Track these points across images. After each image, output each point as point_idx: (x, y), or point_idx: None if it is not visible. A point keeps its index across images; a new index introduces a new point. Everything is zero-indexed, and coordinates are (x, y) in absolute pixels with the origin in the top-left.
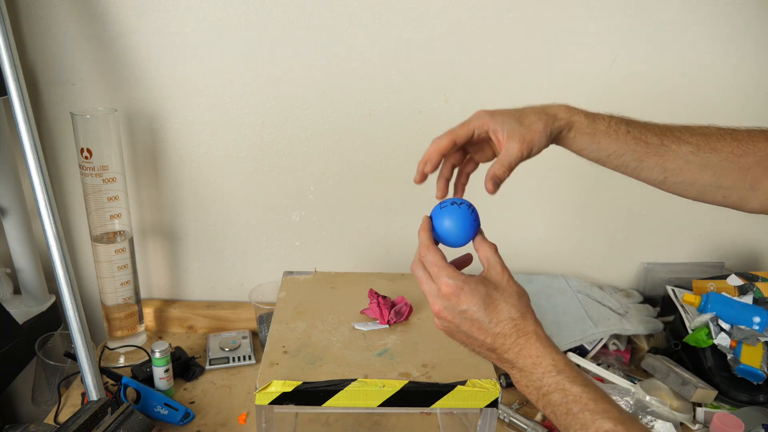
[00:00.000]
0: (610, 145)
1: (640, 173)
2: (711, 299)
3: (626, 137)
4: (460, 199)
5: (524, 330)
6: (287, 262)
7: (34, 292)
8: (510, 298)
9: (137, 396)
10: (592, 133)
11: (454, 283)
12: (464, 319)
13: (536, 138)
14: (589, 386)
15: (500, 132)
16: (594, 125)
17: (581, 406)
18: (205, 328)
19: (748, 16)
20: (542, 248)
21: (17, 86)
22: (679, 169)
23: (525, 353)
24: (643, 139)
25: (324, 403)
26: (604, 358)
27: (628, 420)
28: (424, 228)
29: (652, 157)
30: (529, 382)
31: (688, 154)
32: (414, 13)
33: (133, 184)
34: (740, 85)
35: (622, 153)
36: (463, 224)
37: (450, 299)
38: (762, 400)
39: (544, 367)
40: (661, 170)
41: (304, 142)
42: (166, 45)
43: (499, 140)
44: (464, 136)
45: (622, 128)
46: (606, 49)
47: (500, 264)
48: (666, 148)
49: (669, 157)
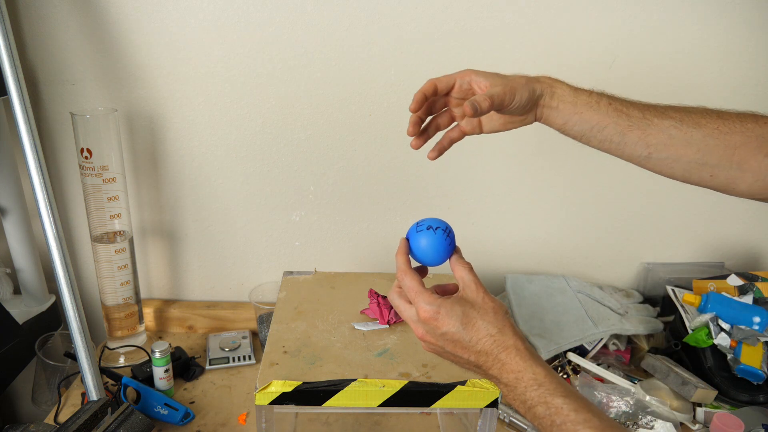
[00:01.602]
0: (592, 116)
1: (624, 149)
2: (711, 299)
3: (608, 108)
4: (437, 223)
5: (504, 345)
6: (287, 262)
7: (34, 292)
8: (486, 315)
9: (137, 396)
10: (574, 102)
11: (431, 308)
12: (446, 340)
13: (518, 87)
14: (570, 396)
15: (483, 82)
16: (576, 95)
17: (563, 417)
18: (205, 328)
19: (749, 16)
20: (542, 248)
21: (17, 86)
22: (662, 145)
23: (507, 368)
24: (625, 111)
25: (324, 403)
26: (604, 358)
27: (609, 428)
28: (401, 251)
29: (635, 131)
30: (514, 396)
31: (670, 128)
32: (414, 13)
33: (133, 184)
34: (741, 85)
35: (605, 125)
36: (437, 247)
37: (429, 323)
38: (762, 400)
39: (526, 381)
40: (644, 145)
41: (304, 142)
42: (166, 45)
43: (481, 88)
44: (445, 81)
45: (603, 100)
46: (606, 49)
47: (474, 282)
48: (648, 121)
49: (652, 131)
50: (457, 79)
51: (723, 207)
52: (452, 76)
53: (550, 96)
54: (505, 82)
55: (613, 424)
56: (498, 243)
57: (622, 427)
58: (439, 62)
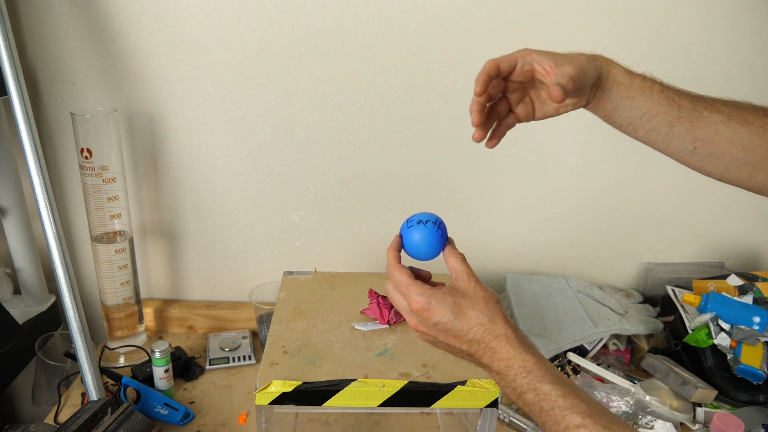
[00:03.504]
0: (644, 102)
1: (671, 141)
2: (711, 299)
3: (660, 96)
4: (427, 216)
5: (495, 333)
6: (287, 262)
7: (34, 292)
8: (477, 304)
9: (137, 396)
10: (629, 85)
11: (422, 299)
12: (439, 330)
13: (584, 64)
14: (558, 383)
15: (546, 62)
16: (631, 78)
17: (551, 403)
18: (205, 328)
19: (749, 15)
20: (542, 248)
21: (17, 86)
22: (709, 140)
23: (498, 356)
24: (676, 101)
25: (324, 403)
26: (604, 358)
27: (596, 413)
28: (392, 247)
29: (684, 123)
30: (506, 383)
31: (718, 123)
32: (414, 13)
33: (133, 184)
34: (741, 86)
35: (655, 114)
36: (429, 241)
37: (421, 314)
38: (762, 400)
39: (516, 369)
40: (691, 139)
41: (304, 142)
42: (166, 45)
43: (546, 70)
44: (507, 61)
45: (656, 86)
46: (606, 49)
47: (466, 272)
48: (698, 113)
49: (700, 124)
50: (519, 59)
51: (723, 207)
52: (513, 55)
53: (606, 76)
54: (572, 60)
55: (600, 410)
56: (498, 243)
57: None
58: (439, 62)
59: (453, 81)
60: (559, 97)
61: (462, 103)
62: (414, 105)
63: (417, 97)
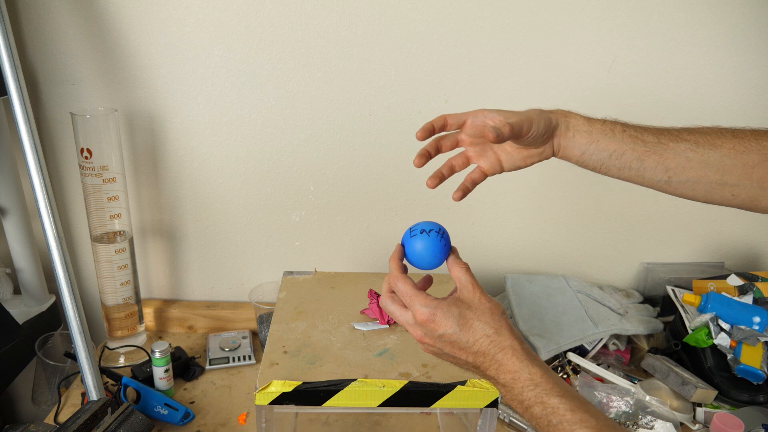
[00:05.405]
0: (609, 144)
1: (644, 174)
2: (711, 299)
3: (623, 135)
4: (430, 226)
5: (501, 345)
6: (287, 262)
7: (34, 292)
8: (483, 316)
9: (137, 396)
10: (590, 131)
11: (427, 310)
12: (444, 342)
13: (534, 117)
14: (566, 396)
15: (497, 116)
16: (590, 124)
17: (559, 417)
18: (205, 328)
19: (748, 16)
20: (542, 248)
21: (17, 86)
22: (681, 167)
23: (504, 369)
24: (640, 137)
25: (324, 403)
26: (604, 358)
27: (605, 427)
28: (394, 256)
29: (652, 156)
30: (512, 396)
31: (687, 151)
32: (414, 13)
33: (133, 184)
34: (741, 86)
35: (622, 152)
36: (432, 250)
37: (427, 326)
38: (762, 400)
39: (523, 382)
40: (663, 169)
41: (304, 142)
42: (166, 45)
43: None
44: (456, 117)
45: (618, 127)
46: (606, 49)
47: (471, 283)
48: (664, 146)
49: (668, 155)
50: (470, 117)
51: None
52: (464, 113)
53: (566, 127)
54: (520, 113)
55: (609, 424)
56: (498, 243)
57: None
58: (439, 62)
59: (453, 81)
60: (493, 138)
61: (462, 103)
62: (414, 105)
63: (417, 97)
